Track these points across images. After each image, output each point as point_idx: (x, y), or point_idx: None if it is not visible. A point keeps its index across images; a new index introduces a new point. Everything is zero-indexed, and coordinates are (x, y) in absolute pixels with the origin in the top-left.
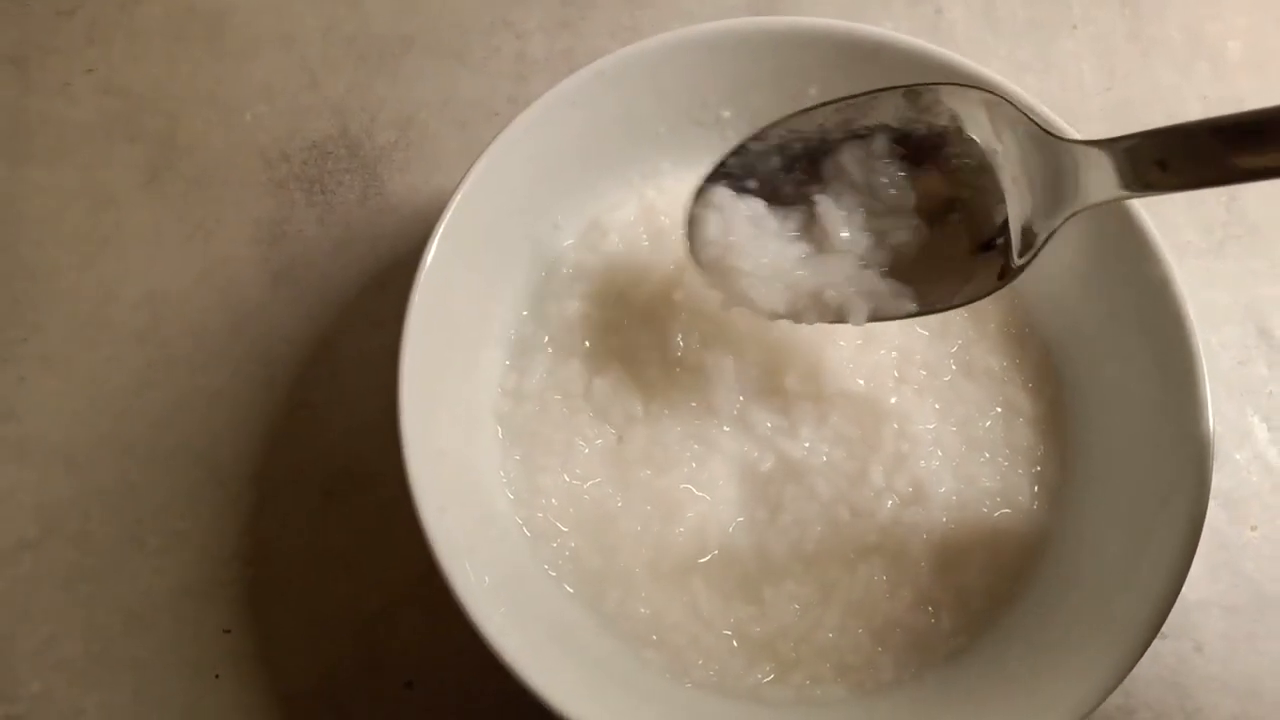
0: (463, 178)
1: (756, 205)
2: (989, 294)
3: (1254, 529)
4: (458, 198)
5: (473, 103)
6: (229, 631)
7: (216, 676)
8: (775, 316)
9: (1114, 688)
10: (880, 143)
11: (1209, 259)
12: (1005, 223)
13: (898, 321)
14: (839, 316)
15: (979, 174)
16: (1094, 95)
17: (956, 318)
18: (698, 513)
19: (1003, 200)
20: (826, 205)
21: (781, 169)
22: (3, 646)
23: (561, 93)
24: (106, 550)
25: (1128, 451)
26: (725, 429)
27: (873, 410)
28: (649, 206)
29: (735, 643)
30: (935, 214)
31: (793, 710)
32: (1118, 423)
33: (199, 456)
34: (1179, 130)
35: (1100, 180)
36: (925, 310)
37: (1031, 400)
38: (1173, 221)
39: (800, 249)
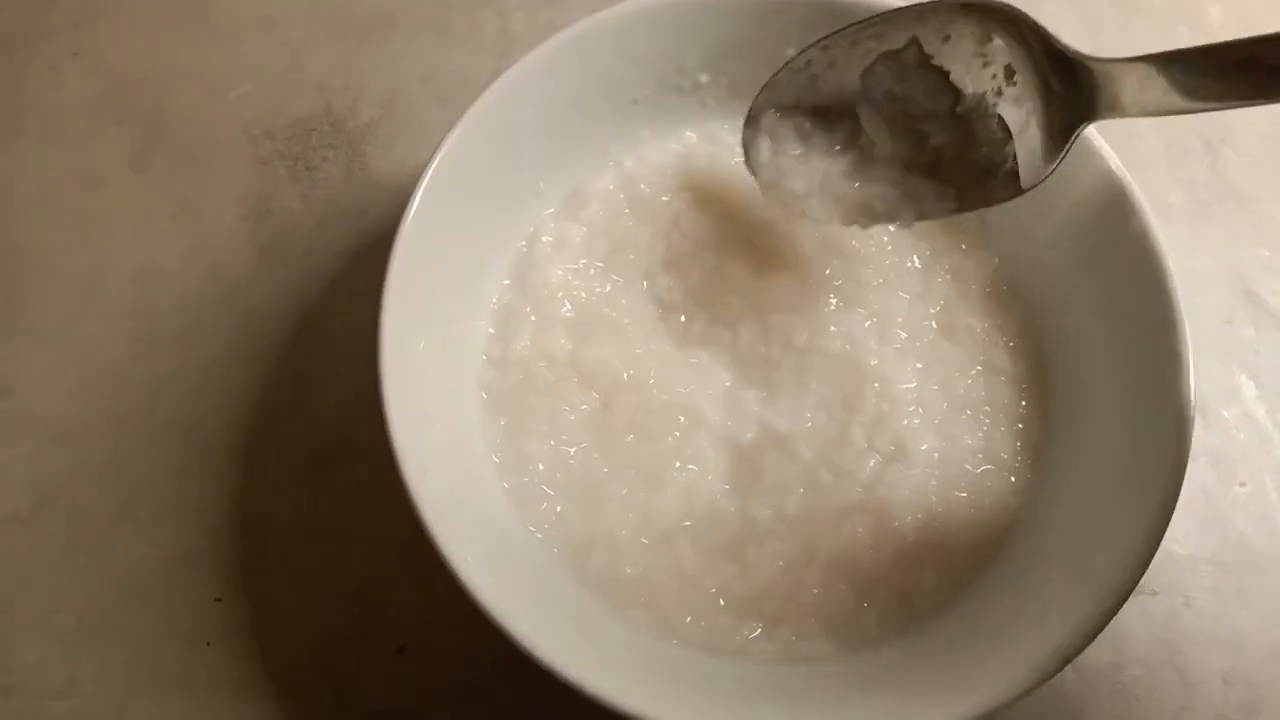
0: (438, 145)
1: (802, 123)
2: (1020, 195)
3: (1243, 485)
4: (434, 164)
5: (456, 78)
6: (220, 600)
7: (207, 644)
8: (830, 224)
9: (1093, 637)
10: (910, 54)
11: (1194, 222)
12: (1033, 128)
13: (877, 285)
14: (889, 219)
15: (1008, 79)
16: None
17: (938, 279)
18: (682, 478)
19: (1031, 105)
20: (868, 115)
21: (822, 87)
22: None
23: (538, 59)
24: (99, 522)
25: (1110, 408)
26: (709, 395)
27: (854, 372)
28: (629, 176)
29: (721, 601)
30: (970, 118)
31: (779, 667)
32: (1100, 380)
33: (189, 429)
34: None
35: (1133, 94)
36: (965, 208)
37: (1012, 360)
38: (1156, 186)
39: (847, 160)
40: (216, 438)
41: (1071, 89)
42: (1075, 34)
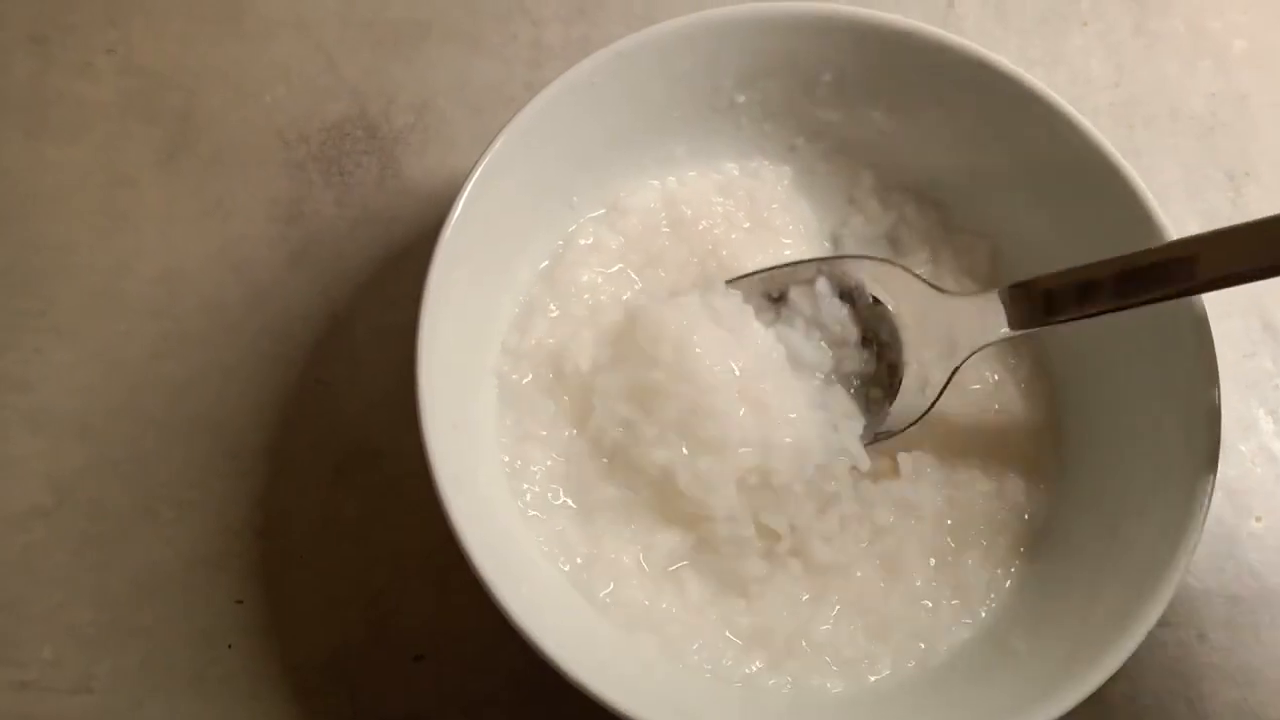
0: (482, 154)
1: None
2: (904, 430)
3: (1259, 520)
4: (475, 175)
5: (488, 88)
6: (240, 602)
7: (229, 646)
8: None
9: (1113, 671)
10: (822, 284)
11: None
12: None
13: None
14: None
15: (890, 328)
16: (1101, 90)
17: None
18: (680, 505)
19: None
20: (785, 332)
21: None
22: (14, 613)
23: (580, 74)
24: (119, 519)
25: (1129, 441)
26: None
27: None
28: (671, 196)
29: (728, 633)
30: (875, 351)
31: (788, 697)
32: (1120, 413)
33: (212, 429)
34: (1051, 278)
35: (991, 324)
36: (877, 437)
37: (1024, 399)
38: (1176, 216)
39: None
40: (240, 439)
41: (946, 327)
42: (1101, 65)
